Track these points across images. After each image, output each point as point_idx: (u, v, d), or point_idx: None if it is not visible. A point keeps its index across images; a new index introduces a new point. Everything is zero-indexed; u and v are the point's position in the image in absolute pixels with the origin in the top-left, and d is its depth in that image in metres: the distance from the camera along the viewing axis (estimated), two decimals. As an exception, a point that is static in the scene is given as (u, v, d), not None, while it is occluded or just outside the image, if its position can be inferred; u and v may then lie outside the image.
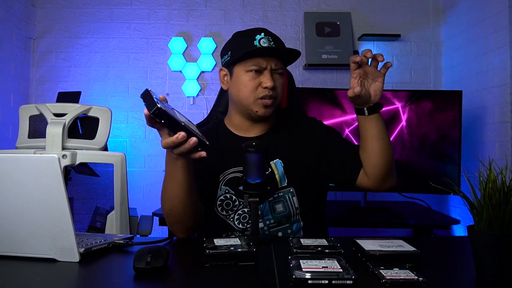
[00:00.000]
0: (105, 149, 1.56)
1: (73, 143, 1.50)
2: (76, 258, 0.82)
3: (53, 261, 0.83)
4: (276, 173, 1.20)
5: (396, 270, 0.72)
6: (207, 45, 2.69)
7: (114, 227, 1.48)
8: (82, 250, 0.84)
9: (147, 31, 2.74)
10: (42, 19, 2.72)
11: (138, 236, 1.50)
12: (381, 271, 0.72)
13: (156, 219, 1.85)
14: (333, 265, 0.71)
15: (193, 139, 0.89)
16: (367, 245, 0.84)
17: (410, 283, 0.67)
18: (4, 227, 0.84)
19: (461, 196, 0.77)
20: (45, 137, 1.48)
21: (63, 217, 0.80)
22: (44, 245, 0.83)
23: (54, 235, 0.82)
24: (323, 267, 0.70)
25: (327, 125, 1.33)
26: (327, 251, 0.84)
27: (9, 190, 0.82)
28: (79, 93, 2.13)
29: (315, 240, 0.92)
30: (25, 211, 0.82)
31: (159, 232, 2.29)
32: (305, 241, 0.90)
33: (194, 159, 0.94)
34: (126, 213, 1.51)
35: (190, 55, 2.72)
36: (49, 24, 2.72)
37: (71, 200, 1.63)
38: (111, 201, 1.51)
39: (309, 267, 0.70)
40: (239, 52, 1.18)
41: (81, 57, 2.72)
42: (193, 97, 2.71)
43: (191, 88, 2.69)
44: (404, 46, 2.73)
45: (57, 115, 1.53)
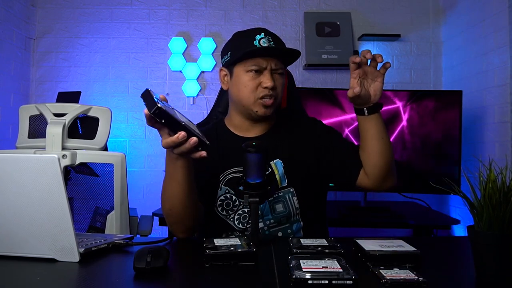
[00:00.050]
0: (105, 149, 1.56)
1: (73, 143, 1.50)
2: (76, 258, 0.82)
3: (53, 261, 0.83)
4: (276, 173, 1.20)
5: (396, 270, 0.72)
6: (207, 45, 2.68)
7: (114, 227, 1.48)
8: (82, 250, 0.84)
9: (147, 31, 2.74)
10: (42, 19, 2.72)
11: (138, 236, 1.50)
12: (381, 271, 0.72)
13: (156, 219, 1.85)
14: (333, 265, 0.71)
15: (193, 139, 0.89)
16: (367, 245, 0.84)
17: (410, 283, 0.67)
18: (4, 227, 0.84)
19: (461, 196, 0.77)
20: (45, 137, 1.48)
21: (63, 217, 0.80)
22: (44, 245, 0.83)
23: (54, 235, 0.82)
24: (323, 267, 0.70)
25: (327, 125, 1.32)
26: (327, 251, 0.84)
27: (9, 190, 0.82)
28: (79, 93, 2.13)
29: (315, 240, 0.92)
30: (25, 211, 0.82)
31: (159, 232, 2.29)
32: (305, 241, 0.90)
33: (194, 159, 0.95)
34: (126, 213, 1.52)
35: (190, 55, 2.72)
36: (49, 24, 2.72)
37: (71, 200, 1.63)
38: (111, 201, 1.51)
39: (309, 267, 0.70)
40: (239, 52, 1.18)
41: (81, 57, 2.72)
42: (193, 97, 2.71)
43: (191, 88, 2.69)
44: (404, 46, 2.73)
45: (57, 115, 1.53)
